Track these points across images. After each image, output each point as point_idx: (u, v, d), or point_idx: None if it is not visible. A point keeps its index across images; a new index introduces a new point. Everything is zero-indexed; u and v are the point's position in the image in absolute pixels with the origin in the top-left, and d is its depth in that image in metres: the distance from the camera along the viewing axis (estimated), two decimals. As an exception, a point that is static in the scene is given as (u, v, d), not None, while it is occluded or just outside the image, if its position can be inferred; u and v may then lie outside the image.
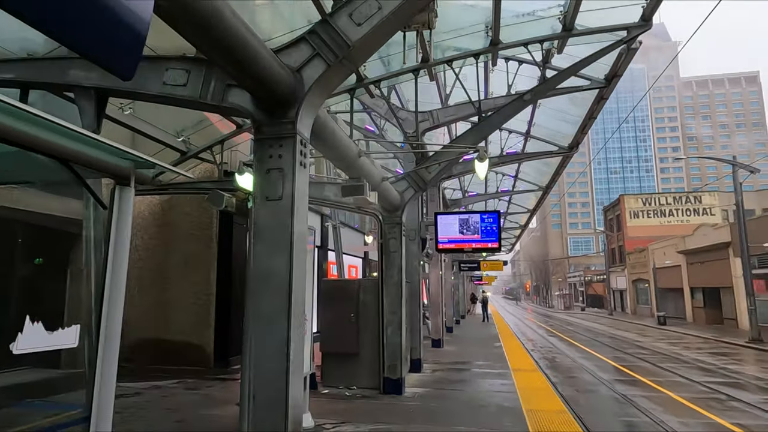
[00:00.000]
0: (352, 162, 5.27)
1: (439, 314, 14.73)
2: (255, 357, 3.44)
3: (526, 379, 9.55)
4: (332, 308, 8.42)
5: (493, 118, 7.93)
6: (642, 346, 20.20)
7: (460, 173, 15.39)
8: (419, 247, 10.40)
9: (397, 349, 7.80)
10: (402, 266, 8.00)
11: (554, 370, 13.31)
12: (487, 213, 9.95)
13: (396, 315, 7.87)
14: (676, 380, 12.10)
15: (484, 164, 6.13)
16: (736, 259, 27.72)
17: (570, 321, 39.08)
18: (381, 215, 8.12)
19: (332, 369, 8.41)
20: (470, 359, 12.48)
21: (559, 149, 14.77)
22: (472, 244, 9.91)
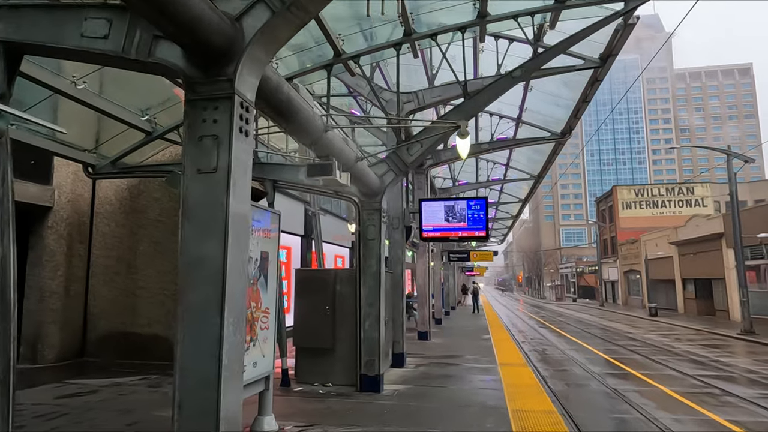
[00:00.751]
0: (317, 137, 4.68)
1: (426, 306, 14.23)
2: (182, 359, 2.88)
3: (514, 374, 9.07)
4: (307, 300, 7.87)
5: (479, 96, 7.35)
6: (633, 338, 19.90)
7: (449, 160, 14.84)
8: (403, 235, 9.86)
9: (375, 344, 7.26)
10: (381, 255, 7.45)
11: (544, 363, 12.90)
12: (474, 200, 9.40)
13: (374, 307, 7.33)
14: (669, 373, 11.79)
15: (466, 142, 5.57)
16: (728, 251, 27.48)
17: (561, 312, 38.86)
18: (359, 200, 7.55)
19: (307, 365, 7.88)
20: (457, 353, 12.00)
21: (552, 135, 14.22)
22: (459, 232, 9.36)
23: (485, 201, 9.42)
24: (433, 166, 14.50)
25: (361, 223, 7.54)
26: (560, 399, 8.43)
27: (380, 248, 7.44)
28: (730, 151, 23.20)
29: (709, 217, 30.74)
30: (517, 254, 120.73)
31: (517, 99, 13.84)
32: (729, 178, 22.90)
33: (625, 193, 50.54)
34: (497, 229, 39.28)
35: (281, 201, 13.91)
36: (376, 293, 7.36)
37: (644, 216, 48.93)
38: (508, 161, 19.62)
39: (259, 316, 5.01)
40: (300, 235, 15.40)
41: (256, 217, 5.01)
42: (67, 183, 9.91)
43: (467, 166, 21.15)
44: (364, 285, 7.44)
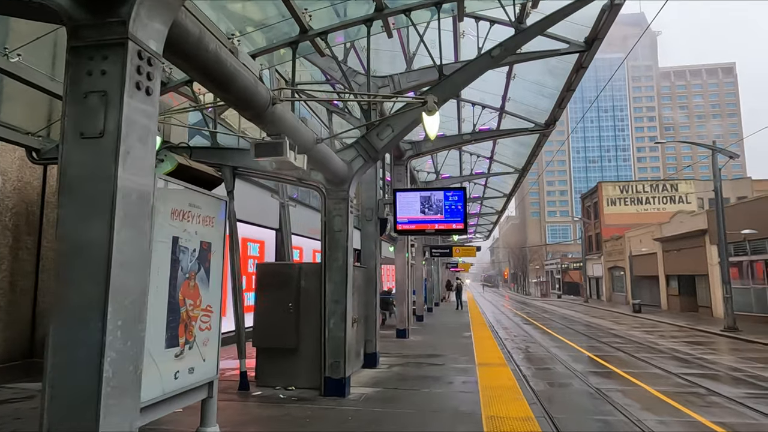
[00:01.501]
0: (261, 111, 4.07)
1: (405, 302, 13.69)
2: (53, 374, 2.27)
3: (492, 375, 8.57)
4: (269, 297, 7.26)
5: (456, 76, 6.79)
6: (617, 335, 19.63)
7: (431, 151, 14.30)
8: (377, 228, 9.29)
9: (341, 345, 6.69)
10: (348, 248, 6.86)
11: (527, 362, 12.47)
12: (451, 190, 8.85)
13: (340, 304, 6.75)
14: (653, 372, 11.48)
15: (435, 119, 4.99)
16: (712, 247, 27.42)
17: (546, 308, 38.70)
18: (324, 188, 6.95)
19: (268, 367, 7.28)
20: (435, 352, 11.48)
21: (536, 126, 13.75)
22: (435, 225, 8.82)
23: (463, 192, 8.87)
24: (414, 157, 13.94)
25: (327, 213, 6.95)
26: (542, 400, 8.07)
27: (347, 240, 6.86)
28: (714, 147, 23.02)
29: (693, 213, 30.68)
30: (503, 250, 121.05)
31: (500, 88, 13.34)
32: (713, 174, 22.69)
33: (610, 190, 50.59)
34: (483, 225, 38.93)
35: (251, 192, 13.25)
36: (342, 289, 6.78)
37: (629, 212, 49.04)
38: (492, 154, 19.16)
39: (198, 315, 4.40)
40: (275, 229, 14.74)
41: (194, 202, 4.40)
42: (13, 169, 9.13)
43: (450, 159, 20.65)
44: (329, 280, 6.85)
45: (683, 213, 32.64)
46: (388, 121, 6.95)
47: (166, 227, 3.93)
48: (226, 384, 7.30)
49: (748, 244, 23.87)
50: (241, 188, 12.83)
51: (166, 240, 3.93)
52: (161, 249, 3.84)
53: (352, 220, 7.15)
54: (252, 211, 13.22)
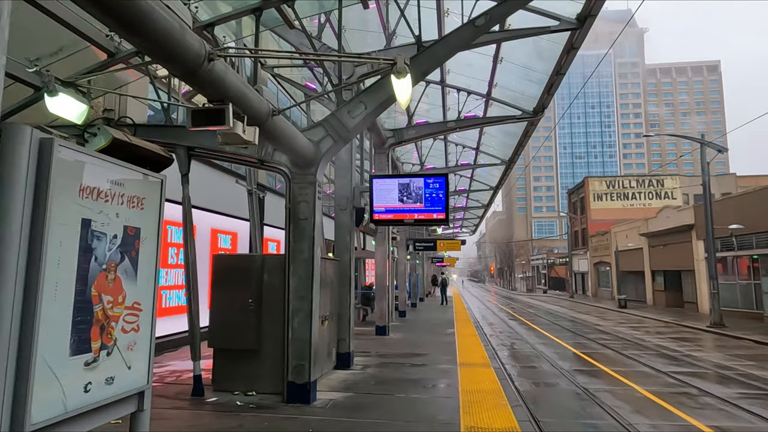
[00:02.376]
0: (192, 66, 3.32)
1: (385, 298, 13.02)
2: None
3: (475, 378, 7.94)
4: (227, 292, 6.53)
5: (436, 48, 6.10)
6: (603, 331, 19.25)
7: (414, 138, 13.61)
8: (352, 218, 8.58)
9: (305, 346, 5.99)
10: (315, 238, 6.15)
11: (512, 359, 11.93)
12: (432, 177, 8.16)
13: (305, 301, 6.05)
14: (641, 370, 11.08)
15: (405, 83, 4.27)
16: (698, 242, 27.21)
17: (531, 303, 38.41)
18: (289, 172, 6.23)
19: (226, 370, 6.55)
20: (415, 350, 10.84)
21: (523, 114, 13.14)
22: (414, 214, 8.15)
23: (445, 179, 8.19)
24: (396, 145, 13.24)
25: (292, 198, 6.22)
26: (527, 402, 7.55)
27: (314, 230, 6.15)
28: (703, 140, 22.71)
29: (680, 208, 30.49)
30: (490, 245, 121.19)
31: (487, 73, 12.69)
32: (702, 168, 22.40)
33: (597, 185, 50.46)
34: (469, 219, 38.43)
35: (222, 180, 12.44)
36: (307, 285, 6.07)
37: (615, 208, 48.97)
38: (478, 145, 18.54)
39: (120, 314, 3.66)
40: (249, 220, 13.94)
41: (116, 179, 3.65)
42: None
43: (435, 151, 20.00)
44: (293, 275, 6.13)
45: (670, 208, 32.45)
46: (360, 98, 6.24)
47: (72, 207, 3.17)
48: (179, 389, 6.57)
49: (735, 239, 23.65)
50: (211, 176, 12.04)
51: (72, 223, 3.19)
52: (64, 234, 3.10)
53: (321, 208, 6.44)
54: (224, 200, 12.43)
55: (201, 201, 11.69)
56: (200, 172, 11.72)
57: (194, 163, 11.80)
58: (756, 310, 22.45)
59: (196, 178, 11.74)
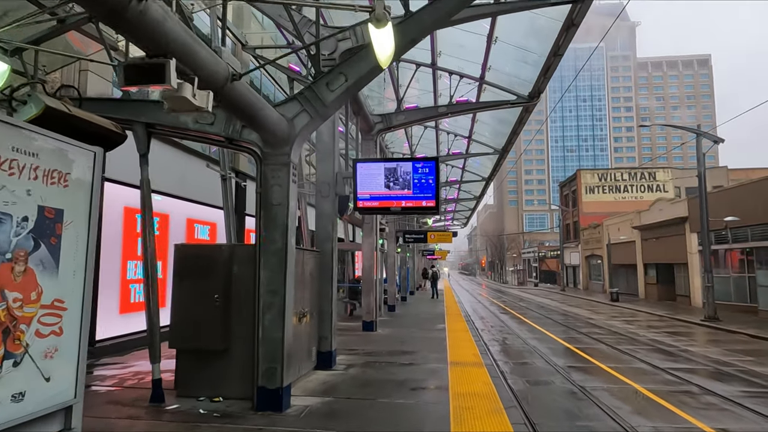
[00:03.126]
0: (116, 3, 2.63)
1: (372, 292, 12.38)
2: None
3: (466, 379, 7.34)
4: (190, 286, 5.83)
5: (424, 13, 5.42)
6: (596, 325, 18.82)
7: (403, 124, 12.94)
8: (335, 206, 7.90)
9: (277, 347, 5.33)
10: (289, 226, 5.48)
11: (504, 356, 11.39)
12: (421, 161, 7.47)
13: (277, 296, 5.38)
14: (638, 366, 10.64)
15: (385, 34, 3.58)
16: (692, 235, 26.88)
17: (523, 297, 38.05)
18: (260, 152, 5.53)
19: (191, 372, 5.87)
20: (402, 347, 10.22)
21: (518, 99, 12.49)
22: (402, 201, 7.48)
23: (435, 163, 7.52)
24: (384, 131, 12.57)
25: (263, 181, 5.53)
26: (521, 401, 7.09)
27: (288, 217, 5.47)
28: (699, 131, 22.26)
29: (673, 201, 30.13)
30: (481, 239, 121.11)
31: (480, 56, 12.01)
32: (697, 159, 21.96)
33: (589, 178, 50.13)
34: (460, 211, 37.88)
35: (200, 167, 11.69)
36: (279, 278, 5.40)
37: (607, 201, 48.71)
38: (470, 133, 17.90)
39: (34, 314, 2.99)
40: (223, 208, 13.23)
41: (22, 147, 2.95)
42: None
43: (426, 140, 19.31)
44: (264, 267, 5.46)
45: (663, 201, 32.12)
46: (340, 69, 5.54)
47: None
48: (138, 394, 5.89)
49: (729, 231, 23.28)
50: (187, 162, 11.26)
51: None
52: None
53: (296, 192, 5.75)
54: (202, 188, 11.68)
55: (176, 189, 10.96)
56: (175, 158, 10.98)
57: (169, 149, 11.09)
58: (750, 303, 22.14)
59: (171, 164, 11.03)
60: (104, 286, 8.31)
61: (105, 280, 8.32)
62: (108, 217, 8.41)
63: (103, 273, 8.33)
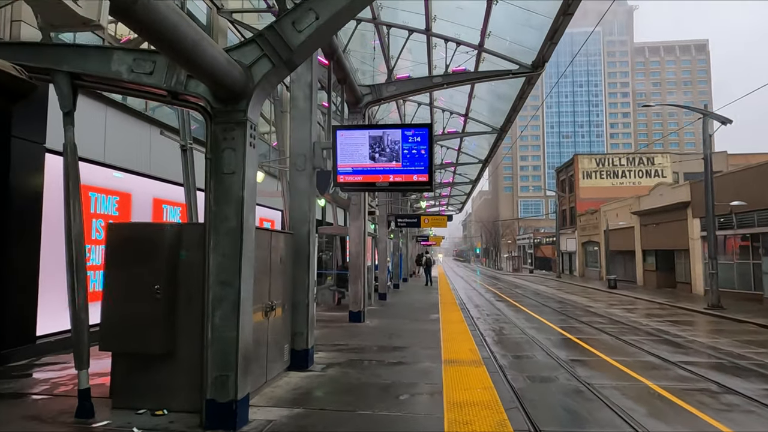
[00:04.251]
0: None
1: (360, 280, 11.35)
2: None
3: (463, 381, 6.34)
4: (126, 274, 4.74)
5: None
6: (596, 313, 17.99)
7: (393, 96, 11.79)
8: (312, 181, 6.81)
9: (230, 350, 4.29)
10: (245, 200, 4.40)
11: (502, 348, 10.50)
12: (411, 128, 6.33)
13: (230, 287, 4.33)
14: (647, 360, 9.74)
15: None
16: (694, 220, 26.02)
17: (518, 283, 37.27)
18: (209, 107, 4.43)
19: (130, 379, 4.82)
20: (391, 342, 9.21)
21: (521, 68, 11.37)
22: (390, 176, 6.38)
23: (428, 130, 6.40)
24: (373, 103, 11.43)
25: (213, 145, 4.43)
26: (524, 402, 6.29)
27: (244, 189, 4.38)
28: (705, 111, 21.28)
29: (675, 185, 29.21)
30: (476, 225, 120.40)
31: (479, 20, 10.86)
32: (703, 141, 21.03)
33: (586, 163, 49.17)
34: (455, 196, 36.85)
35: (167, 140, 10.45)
36: (233, 264, 4.34)
37: (604, 186, 47.82)
38: (467, 111, 16.77)
39: None
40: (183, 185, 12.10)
41: None
42: None
43: (419, 119, 18.13)
44: (214, 251, 4.38)
45: (664, 185, 31.21)
46: (309, 3, 4.41)
47: None
48: (68, 404, 4.84)
49: (734, 217, 22.40)
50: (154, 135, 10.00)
51: None
52: None
53: (256, 159, 4.65)
54: (172, 165, 10.50)
55: (140, 165, 9.80)
56: (138, 130, 9.77)
57: (132, 120, 9.75)
58: (754, 291, 21.36)
59: (133, 136, 9.68)
60: (47, 273, 7.21)
61: (48, 267, 7.22)
62: (52, 194, 7.28)
63: (46, 258, 7.23)
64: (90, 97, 8.36)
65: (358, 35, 14.85)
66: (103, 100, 8.67)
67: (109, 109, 8.82)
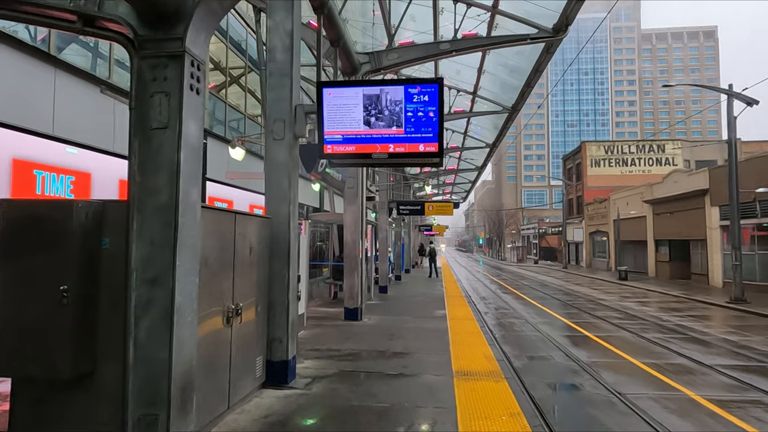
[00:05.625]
0: None
1: (356, 272, 10.08)
2: None
3: (482, 404, 5.05)
4: (22, 269, 3.45)
5: None
6: (610, 306, 16.76)
7: (395, 65, 10.41)
8: (293, 153, 5.47)
9: (161, 377, 3.03)
10: (182, 166, 3.11)
11: (517, 348, 9.22)
12: (416, 84, 4.89)
13: (162, 289, 3.06)
14: (678, 362, 8.51)
15: None
16: (713, 209, 24.64)
17: (523, 274, 36.02)
18: (132, 33, 3.13)
19: (36, 411, 3.57)
20: (392, 346, 7.92)
21: (540, 32, 9.98)
22: (390, 145, 5.00)
23: (438, 87, 4.99)
24: (373, 72, 10.06)
25: (137, 88, 3.13)
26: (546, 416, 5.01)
27: (180, 150, 3.08)
28: (730, 91, 19.80)
29: (691, 172, 27.76)
30: (479, 214, 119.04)
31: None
32: (728, 123, 19.57)
33: (594, 150, 47.62)
34: (459, 184, 35.46)
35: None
36: (165, 256, 3.05)
37: (613, 174, 46.32)
38: (475, 89, 15.37)
39: None
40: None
41: None
42: None
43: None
44: (139, 237, 3.10)
45: (679, 172, 29.75)
46: None
47: None
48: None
49: (758, 204, 21.03)
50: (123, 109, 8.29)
51: None
52: None
53: (200, 108, 3.33)
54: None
55: (102, 140, 8.39)
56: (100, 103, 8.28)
57: (89, 86, 8.05)
58: (779, 283, 20.09)
59: (93, 108, 8.02)
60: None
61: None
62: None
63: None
64: (35, 57, 7.04)
65: (358, 4, 13.44)
66: (51, 61, 7.34)
67: (60, 72, 7.47)
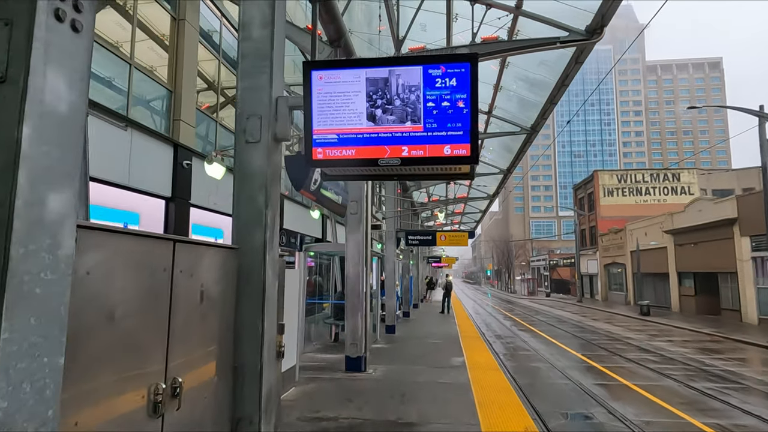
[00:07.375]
0: None
1: (360, 312, 8.52)
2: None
3: None
4: None
5: None
6: (641, 347, 15.00)
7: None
8: (271, 160, 3.95)
9: None
10: (21, 144, 1.70)
11: (549, 403, 7.51)
12: (441, 63, 3.46)
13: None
14: (750, 425, 6.91)
15: None
16: (743, 239, 22.96)
17: (537, 309, 34.07)
18: None
19: None
20: (403, 412, 6.25)
21: (572, 35, 8.71)
22: (403, 147, 3.47)
23: (471, 66, 3.53)
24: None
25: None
26: None
27: (22, 120, 1.68)
28: (762, 113, 18.53)
29: (717, 200, 26.20)
30: (486, 245, 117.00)
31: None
32: (761, 146, 18.29)
33: (607, 179, 46.23)
34: (469, 214, 33.98)
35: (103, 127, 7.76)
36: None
37: (627, 204, 44.78)
38: (490, 108, 14.11)
39: None
40: (165, 198, 9.51)
41: None
42: None
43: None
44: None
45: (703, 200, 28.17)
46: None
47: None
48: None
49: (795, 235, 19.38)
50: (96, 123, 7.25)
51: None
52: None
53: (83, 57, 1.93)
54: (117, 163, 7.88)
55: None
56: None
57: None
58: (826, 322, 18.23)
59: None
60: None
61: None
62: None
63: None
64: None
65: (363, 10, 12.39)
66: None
67: None
